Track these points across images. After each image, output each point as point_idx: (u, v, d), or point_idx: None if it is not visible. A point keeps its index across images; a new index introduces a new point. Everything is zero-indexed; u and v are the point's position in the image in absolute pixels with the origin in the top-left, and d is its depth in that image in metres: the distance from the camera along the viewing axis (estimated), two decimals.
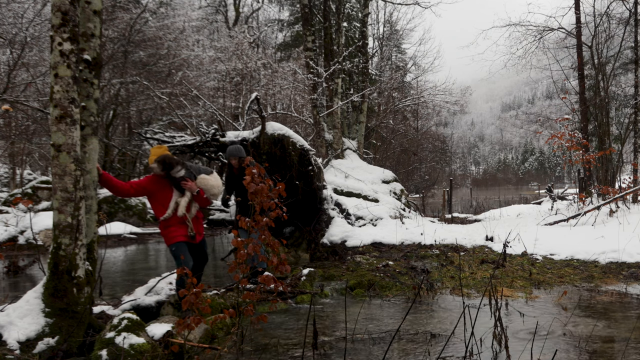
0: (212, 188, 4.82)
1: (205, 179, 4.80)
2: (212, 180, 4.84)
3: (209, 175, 4.88)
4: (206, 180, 4.80)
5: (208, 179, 4.83)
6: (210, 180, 4.84)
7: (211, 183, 4.82)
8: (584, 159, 11.36)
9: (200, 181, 4.77)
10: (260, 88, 19.94)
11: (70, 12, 3.80)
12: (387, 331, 4.42)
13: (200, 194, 4.76)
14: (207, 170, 4.93)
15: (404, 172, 27.44)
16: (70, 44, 3.81)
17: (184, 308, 3.33)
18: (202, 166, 5.09)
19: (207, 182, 4.80)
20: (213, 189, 4.84)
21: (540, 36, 16.17)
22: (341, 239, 8.44)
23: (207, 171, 4.92)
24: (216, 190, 4.88)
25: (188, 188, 4.67)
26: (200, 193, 4.75)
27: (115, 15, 17.60)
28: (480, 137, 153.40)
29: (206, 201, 4.87)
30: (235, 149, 6.36)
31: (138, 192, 4.71)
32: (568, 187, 28.42)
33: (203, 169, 4.95)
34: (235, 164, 6.37)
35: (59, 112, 3.79)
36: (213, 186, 4.84)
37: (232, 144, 7.17)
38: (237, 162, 6.33)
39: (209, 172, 4.92)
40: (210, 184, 4.81)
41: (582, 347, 3.90)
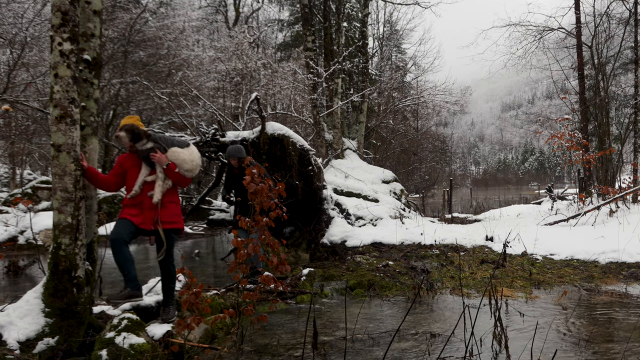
0: (183, 162, 4.18)
1: (177, 151, 4.18)
2: (184, 154, 4.21)
3: (183, 148, 4.26)
4: (177, 153, 4.18)
5: (180, 151, 4.20)
6: (182, 153, 4.20)
7: (183, 157, 4.18)
8: (584, 159, 11.36)
9: (171, 154, 4.16)
10: (260, 88, 19.94)
11: (70, 12, 3.80)
12: (387, 331, 4.42)
13: (171, 168, 4.14)
14: (181, 143, 4.31)
15: (404, 172, 27.43)
16: (70, 44, 3.81)
17: (183, 308, 3.33)
18: (178, 138, 4.49)
19: (179, 155, 4.17)
20: (185, 163, 4.18)
21: (540, 36, 16.18)
22: (341, 239, 8.44)
23: (181, 143, 4.30)
24: (189, 165, 4.21)
25: (156, 160, 4.10)
26: (170, 167, 4.14)
27: (115, 15, 17.60)
28: (480, 137, 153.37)
29: (180, 177, 4.21)
30: (235, 149, 6.36)
31: (118, 176, 4.25)
32: (568, 187, 28.42)
33: (177, 141, 4.35)
34: (235, 164, 6.37)
35: (59, 112, 3.79)
36: (185, 160, 4.19)
37: (233, 144, 7.16)
38: (237, 162, 6.33)
39: (184, 144, 4.30)
40: (182, 158, 4.18)
41: (582, 347, 3.90)
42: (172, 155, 4.17)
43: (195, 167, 4.24)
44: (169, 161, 4.14)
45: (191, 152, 4.26)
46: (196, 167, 4.25)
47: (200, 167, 4.30)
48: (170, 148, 4.18)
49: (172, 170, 4.15)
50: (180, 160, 4.18)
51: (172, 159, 4.16)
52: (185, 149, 4.24)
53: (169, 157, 4.16)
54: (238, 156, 6.31)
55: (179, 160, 4.18)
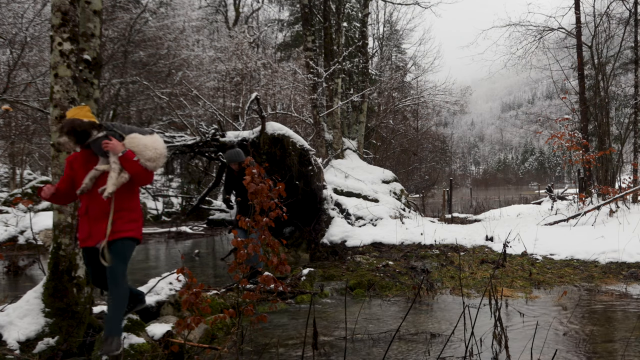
0: (145, 149, 3.41)
1: (137, 137, 3.45)
2: (145, 139, 3.47)
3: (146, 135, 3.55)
4: (138, 139, 3.43)
5: (141, 137, 3.47)
6: (144, 139, 3.47)
7: (144, 142, 3.44)
8: (584, 159, 11.35)
9: (129, 140, 3.42)
10: (260, 88, 19.94)
11: (70, 12, 3.80)
12: (387, 331, 4.42)
13: (128, 156, 3.32)
14: (143, 131, 3.63)
15: (404, 172, 27.43)
16: (70, 44, 3.81)
17: (183, 308, 3.34)
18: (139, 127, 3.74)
19: (140, 140, 3.43)
20: (146, 149, 3.41)
21: (540, 36, 16.17)
22: (341, 239, 8.44)
23: (143, 131, 3.61)
24: (151, 153, 3.43)
25: (110, 148, 3.31)
26: (127, 154, 3.33)
27: (115, 15, 17.61)
28: (480, 137, 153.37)
29: (139, 169, 3.37)
30: (234, 154, 6.41)
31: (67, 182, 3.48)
32: (568, 187, 28.41)
33: (138, 129, 3.64)
34: (235, 168, 6.43)
35: (59, 112, 3.80)
36: (146, 146, 3.42)
37: (232, 147, 7.20)
38: (237, 166, 6.39)
39: (147, 132, 3.62)
40: (142, 143, 3.42)
41: (582, 347, 3.90)
42: (130, 142, 3.43)
43: (158, 156, 3.47)
44: (125, 148, 3.37)
45: (154, 139, 3.54)
46: (160, 157, 3.48)
47: (165, 159, 3.58)
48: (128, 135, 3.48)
49: (129, 159, 3.33)
50: (141, 146, 3.42)
51: (130, 146, 3.40)
52: (147, 136, 3.53)
53: (127, 144, 3.41)
54: (238, 160, 6.37)
55: (140, 147, 3.42)
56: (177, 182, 20.08)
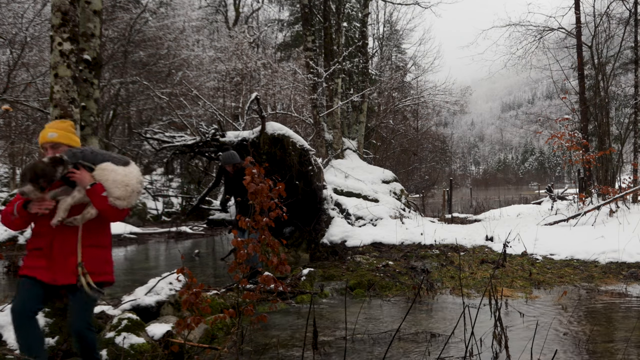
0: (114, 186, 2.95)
1: (108, 169, 2.98)
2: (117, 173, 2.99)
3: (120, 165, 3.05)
4: (108, 172, 2.97)
5: (112, 169, 2.99)
6: (115, 172, 2.99)
7: (114, 177, 2.96)
8: (584, 159, 11.35)
9: (99, 172, 2.97)
10: (260, 88, 19.95)
11: (70, 12, 3.80)
12: (387, 331, 4.42)
13: (96, 190, 2.91)
14: (117, 159, 3.08)
15: (404, 172, 27.44)
16: (70, 44, 3.81)
17: (183, 308, 3.33)
18: (114, 154, 3.19)
19: (109, 174, 2.96)
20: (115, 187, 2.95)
21: (540, 36, 16.17)
22: (341, 239, 8.44)
23: (117, 160, 3.08)
24: (121, 191, 2.96)
25: (77, 179, 2.91)
26: (96, 189, 2.91)
27: (115, 15, 17.62)
28: (480, 137, 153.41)
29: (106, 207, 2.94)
30: (228, 157, 6.45)
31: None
32: (568, 187, 28.42)
33: (113, 157, 3.11)
34: (230, 170, 6.47)
35: (59, 112, 3.80)
36: (116, 182, 2.95)
37: (226, 150, 7.25)
38: (232, 168, 6.43)
39: (123, 161, 3.09)
40: (112, 178, 2.96)
41: (582, 347, 3.90)
42: (100, 174, 2.97)
43: (129, 194, 2.99)
44: (94, 181, 2.94)
45: (128, 172, 3.04)
46: (131, 195, 3.01)
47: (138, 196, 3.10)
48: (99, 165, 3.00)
49: (97, 194, 2.91)
50: (110, 182, 2.95)
51: (99, 178, 2.96)
52: (120, 167, 3.03)
53: (96, 176, 2.97)
54: (232, 162, 6.41)
55: (109, 182, 2.95)
56: (177, 182, 20.09)
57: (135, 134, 17.71)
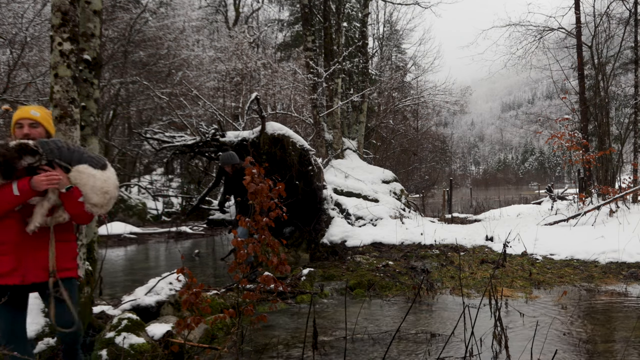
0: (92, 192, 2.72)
1: (86, 172, 2.72)
2: (97, 179, 2.74)
3: (98, 169, 2.77)
4: (87, 177, 2.72)
5: (92, 174, 2.73)
6: (94, 177, 2.73)
7: (93, 182, 2.72)
8: (584, 159, 11.36)
9: (77, 175, 2.71)
10: (260, 88, 19.94)
11: (70, 12, 3.80)
12: (387, 331, 4.42)
13: (74, 195, 2.67)
14: (95, 161, 2.79)
15: (404, 172, 27.44)
16: (70, 44, 3.81)
17: (183, 308, 3.33)
18: (89, 153, 2.84)
19: (88, 179, 2.71)
20: (94, 193, 2.72)
21: (540, 36, 16.18)
22: (341, 239, 8.44)
23: (95, 161, 2.78)
24: (98, 198, 2.74)
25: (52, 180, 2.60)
26: (73, 193, 2.67)
27: (115, 15, 17.61)
28: (480, 137, 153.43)
29: (81, 211, 2.74)
30: (227, 157, 6.49)
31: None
32: (568, 187, 28.41)
33: (89, 156, 2.80)
34: (229, 171, 6.50)
35: (59, 112, 3.79)
36: (94, 188, 2.72)
37: (225, 150, 7.28)
38: (231, 169, 6.46)
39: (100, 164, 2.80)
40: (91, 184, 2.72)
41: (582, 347, 3.90)
42: (78, 177, 2.71)
43: (107, 201, 2.77)
44: (71, 184, 2.68)
45: (107, 177, 2.78)
46: (109, 202, 2.79)
47: (114, 201, 2.86)
48: (76, 166, 2.72)
49: (74, 199, 2.68)
50: (88, 188, 2.71)
51: (76, 182, 2.70)
52: (99, 172, 2.76)
53: (73, 179, 2.70)
54: (231, 163, 6.44)
55: (87, 188, 2.70)
56: (177, 182, 20.09)
57: (135, 134, 17.72)
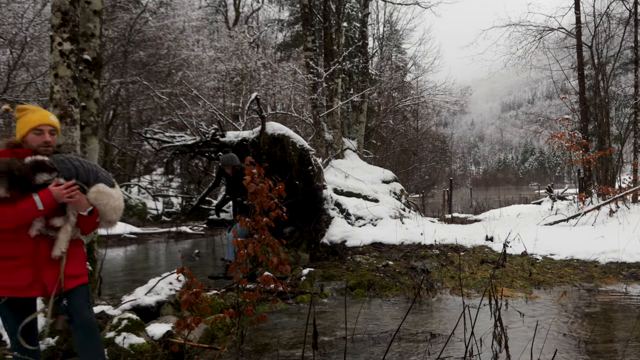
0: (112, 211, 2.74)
1: (105, 192, 2.70)
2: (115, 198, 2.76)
3: (112, 187, 2.77)
4: (106, 196, 2.71)
5: (110, 195, 2.73)
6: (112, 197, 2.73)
7: (111, 201, 2.72)
8: (584, 159, 11.36)
9: (97, 195, 2.68)
10: (260, 88, 19.95)
11: (70, 12, 3.80)
12: (387, 331, 4.42)
13: (93, 216, 2.70)
14: (108, 179, 2.79)
15: (404, 172, 27.44)
16: (70, 44, 3.81)
17: (183, 308, 3.34)
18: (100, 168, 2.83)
19: (108, 199, 2.72)
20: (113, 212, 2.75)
21: (540, 36, 16.18)
22: (341, 239, 8.44)
23: (108, 180, 2.78)
24: (114, 216, 2.76)
25: (75, 203, 2.59)
26: (93, 214, 2.69)
27: (115, 15, 17.62)
28: (480, 137, 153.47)
29: (94, 229, 2.80)
30: (227, 159, 6.51)
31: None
32: (568, 187, 28.42)
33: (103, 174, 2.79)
34: (229, 172, 6.52)
35: (59, 112, 3.79)
36: (114, 209, 2.75)
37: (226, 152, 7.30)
38: (231, 170, 6.48)
39: (112, 181, 2.81)
40: (111, 204, 2.72)
41: (582, 347, 3.90)
42: (97, 197, 2.69)
43: (117, 218, 2.81)
44: (91, 206, 2.67)
45: (119, 195, 2.81)
46: (118, 219, 2.83)
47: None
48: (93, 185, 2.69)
49: (92, 220, 2.71)
50: (108, 208, 2.72)
51: (95, 203, 2.68)
52: (114, 190, 2.77)
53: (92, 200, 2.67)
54: (232, 164, 6.46)
55: (107, 207, 2.71)
56: (177, 182, 20.09)
57: (135, 134, 17.72)
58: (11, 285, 2.51)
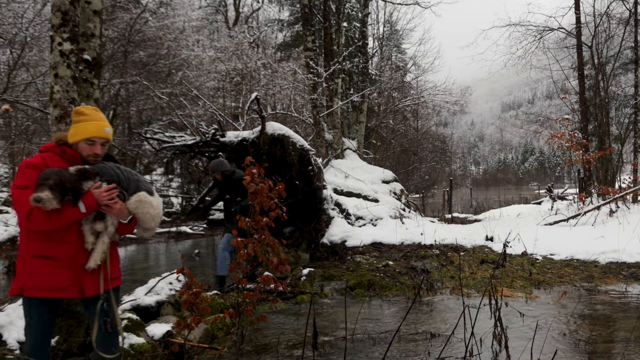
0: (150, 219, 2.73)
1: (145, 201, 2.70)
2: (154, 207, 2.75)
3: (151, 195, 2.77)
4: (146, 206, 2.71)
5: (150, 203, 2.72)
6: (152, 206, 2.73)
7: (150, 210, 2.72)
8: (584, 159, 11.35)
9: (137, 205, 2.68)
10: (260, 88, 19.94)
11: (70, 12, 3.80)
12: (387, 331, 4.42)
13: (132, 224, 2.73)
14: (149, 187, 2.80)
15: (404, 172, 27.43)
16: (70, 44, 3.81)
17: (183, 308, 3.34)
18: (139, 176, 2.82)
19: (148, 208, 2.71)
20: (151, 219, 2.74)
21: (540, 36, 16.18)
22: (341, 239, 8.44)
23: (149, 188, 2.79)
24: (152, 224, 2.75)
25: (115, 214, 2.59)
26: (132, 222, 2.72)
27: (115, 15, 17.62)
28: (480, 137, 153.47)
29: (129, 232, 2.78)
30: (216, 165, 6.47)
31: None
32: (568, 187, 28.42)
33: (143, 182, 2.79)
34: (219, 178, 6.49)
35: (59, 112, 3.79)
36: (153, 217, 2.74)
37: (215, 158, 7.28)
38: (220, 175, 6.44)
39: (151, 189, 2.82)
40: (150, 213, 2.72)
41: (582, 347, 3.90)
42: (138, 206, 2.68)
43: (155, 226, 2.80)
44: (130, 215, 2.68)
45: (158, 203, 2.80)
46: (156, 227, 2.82)
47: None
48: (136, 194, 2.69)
49: (130, 228, 2.73)
50: (147, 217, 2.72)
51: (135, 211, 2.69)
52: (153, 199, 2.77)
53: (132, 209, 2.67)
54: (220, 170, 6.41)
55: (146, 217, 2.71)
56: (177, 182, 20.08)
57: (135, 134, 17.71)
58: (49, 286, 2.50)
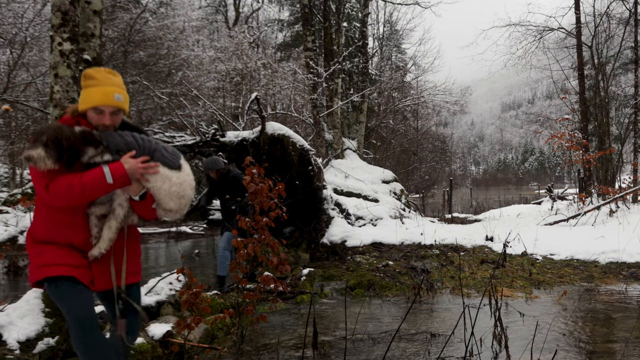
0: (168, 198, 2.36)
1: (163, 175, 2.33)
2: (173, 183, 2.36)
3: (174, 169, 2.38)
4: (164, 180, 2.34)
5: (168, 176, 2.35)
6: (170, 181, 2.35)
7: (168, 187, 2.34)
8: (584, 159, 11.36)
9: (155, 178, 2.32)
10: (260, 88, 19.94)
11: (70, 12, 3.80)
12: (387, 331, 4.42)
13: (147, 202, 2.35)
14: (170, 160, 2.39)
15: (404, 172, 27.44)
16: (70, 44, 3.81)
17: (183, 308, 3.33)
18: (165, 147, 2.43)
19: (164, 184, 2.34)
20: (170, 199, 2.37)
21: (540, 36, 16.19)
22: (341, 239, 8.44)
23: (170, 161, 2.38)
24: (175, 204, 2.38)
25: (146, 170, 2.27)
26: (147, 200, 2.35)
27: (115, 15, 17.61)
28: (480, 137, 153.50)
29: (153, 217, 2.43)
30: (210, 163, 6.41)
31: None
32: (568, 187, 28.42)
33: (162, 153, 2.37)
34: (213, 176, 6.44)
35: (59, 112, 3.80)
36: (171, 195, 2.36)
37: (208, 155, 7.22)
38: (216, 174, 6.40)
39: (176, 163, 2.41)
40: (168, 189, 2.35)
41: (582, 347, 3.90)
42: (152, 180, 2.31)
43: (183, 206, 2.42)
44: (144, 189, 2.33)
45: (183, 180, 2.41)
46: (184, 207, 2.44)
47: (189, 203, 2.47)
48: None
49: (147, 206, 2.36)
50: (163, 193, 2.34)
51: (149, 186, 2.32)
52: (174, 173, 2.37)
53: (149, 184, 2.33)
54: (215, 168, 6.36)
55: (161, 193, 2.34)
56: None
57: None
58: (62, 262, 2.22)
